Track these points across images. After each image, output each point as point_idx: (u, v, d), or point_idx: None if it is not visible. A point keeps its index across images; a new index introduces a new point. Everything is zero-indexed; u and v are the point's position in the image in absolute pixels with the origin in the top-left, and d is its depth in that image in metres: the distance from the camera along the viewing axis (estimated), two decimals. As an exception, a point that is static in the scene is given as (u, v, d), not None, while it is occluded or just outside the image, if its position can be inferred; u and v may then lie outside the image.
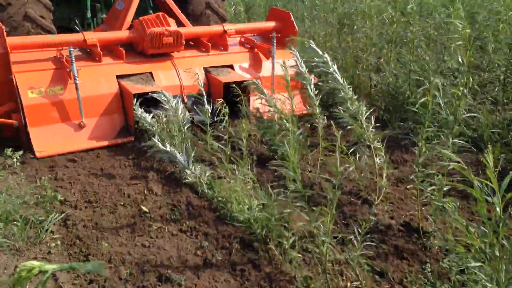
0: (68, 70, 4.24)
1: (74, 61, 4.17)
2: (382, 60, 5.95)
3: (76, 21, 5.73)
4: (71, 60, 4.16)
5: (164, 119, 4.12)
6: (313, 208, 2.79)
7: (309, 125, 4.92)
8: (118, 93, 4.47)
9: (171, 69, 4.66)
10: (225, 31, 5.03)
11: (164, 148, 4.00)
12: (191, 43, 5.14)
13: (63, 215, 3.33)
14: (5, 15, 4.76)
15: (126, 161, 4.25)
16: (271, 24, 5.36)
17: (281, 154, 2.93)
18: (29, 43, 4.31)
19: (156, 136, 4.09)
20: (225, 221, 3.30)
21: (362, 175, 3.90)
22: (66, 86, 4.31)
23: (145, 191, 3.74)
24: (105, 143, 4.37)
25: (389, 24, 5.77)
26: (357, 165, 3.67)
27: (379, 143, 3.64)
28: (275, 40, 4.96)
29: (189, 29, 5.03)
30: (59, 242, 3.03)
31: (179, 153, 3.98)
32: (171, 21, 4.75)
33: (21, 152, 4.12)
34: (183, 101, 4.53)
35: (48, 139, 4.19)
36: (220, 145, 3.54)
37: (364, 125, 3.57)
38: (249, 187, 3.56)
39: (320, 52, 3.63)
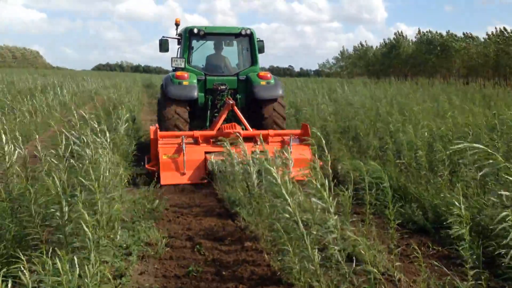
0: (180, 147, 8.29)
1: (184, 143, 8.25)
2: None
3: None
4: (182, 142, 8.26)
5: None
6: None
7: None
8: (203, 159, 8.35)
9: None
10: (268, 134, 8.85)
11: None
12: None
13: None
14: (163, 125, 9.10)
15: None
16: (298, 131, 9.13)
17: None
18: (168, 135, 8.59)
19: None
20: None
21: None
22: (180, 154, 8.30)
23: None
24: (193, 182, 8.17)
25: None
26: None
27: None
28: (291, 138, 8.65)
29: (247, 132, 8.93)
30: None
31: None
32: (238, 127, 8.78)
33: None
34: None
35: (168, 177, 8.12)
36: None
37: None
38: None
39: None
